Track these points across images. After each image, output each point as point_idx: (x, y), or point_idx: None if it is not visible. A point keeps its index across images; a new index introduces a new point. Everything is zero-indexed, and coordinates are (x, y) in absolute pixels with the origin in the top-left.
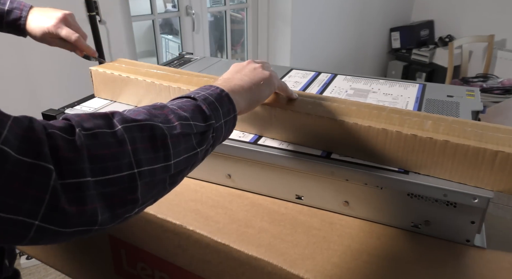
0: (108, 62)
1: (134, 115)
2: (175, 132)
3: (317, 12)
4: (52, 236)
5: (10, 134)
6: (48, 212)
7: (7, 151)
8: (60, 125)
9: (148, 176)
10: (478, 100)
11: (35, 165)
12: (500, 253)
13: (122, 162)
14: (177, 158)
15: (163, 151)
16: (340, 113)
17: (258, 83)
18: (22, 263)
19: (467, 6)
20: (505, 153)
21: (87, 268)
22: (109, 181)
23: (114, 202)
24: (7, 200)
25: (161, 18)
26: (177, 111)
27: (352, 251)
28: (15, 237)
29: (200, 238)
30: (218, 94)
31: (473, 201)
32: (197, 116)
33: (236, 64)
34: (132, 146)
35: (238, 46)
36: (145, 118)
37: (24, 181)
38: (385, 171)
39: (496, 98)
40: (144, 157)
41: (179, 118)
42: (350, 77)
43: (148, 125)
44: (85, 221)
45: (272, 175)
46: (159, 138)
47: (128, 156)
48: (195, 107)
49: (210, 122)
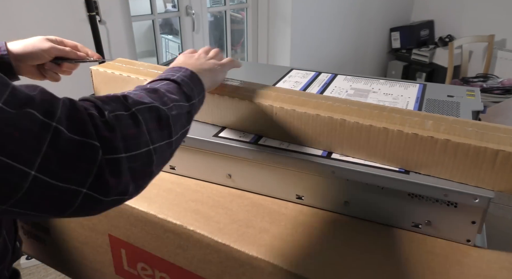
0: (108, 62)
1: (140, 98)
2: (173, 113)
3: (317, 12)
4: (94, 205)
5: (62, 114)
6: (95, 182)
7: (61, 129)
8: (91, 106)
9: (159, 152)
10: (479, 100)
11: (84, 142)
12: (500, 253)
13: (141, 140)
14: (176, 135)
15: (167, 129)
16: (337, 111)
17: (215, 67)
18: (22, 263)
19: (467, 6)
20: (506, 152)
21: (87, 268)
22: (134, 157)
23: (138, 175)
24: (62, 172)
25: (161, 18)
26: (168, 94)
27: (352, 251)
28: (64, 205)
29: (200, 238)
30: (190, 75)
31: (474, 201)
32: (182, 97)
33: (188, 54)
34: (146, 126)
35: (238, 46)
36: (150, 101)
37: (76, 156)
38: (385, 171)
39: (496, 98)
40: (155, 136)
41: (172, 100)
42: (350, 77)
43: (154, 107)
44: (120, 191)
45: (272, 175)
46: (164, 118)
47: (144, 135)
48: (179, 89)
49: (192, 102)
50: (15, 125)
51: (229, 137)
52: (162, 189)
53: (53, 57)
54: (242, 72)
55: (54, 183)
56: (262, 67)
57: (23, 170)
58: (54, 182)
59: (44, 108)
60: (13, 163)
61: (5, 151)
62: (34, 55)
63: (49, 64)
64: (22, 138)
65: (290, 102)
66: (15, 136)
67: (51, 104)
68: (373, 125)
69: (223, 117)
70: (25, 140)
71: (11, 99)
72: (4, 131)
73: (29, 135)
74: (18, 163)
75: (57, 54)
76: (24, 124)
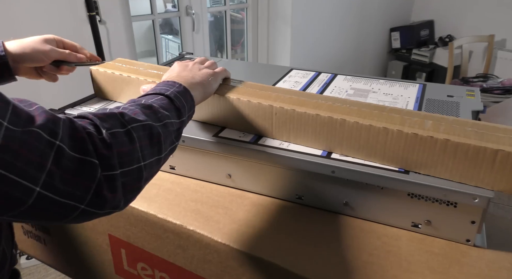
0: (108, 62)
1: (135, 115)
2: (164, 130)
3: (317, 12)
4: (88, 217)
5: (63, 133)
6: (93, 198)
7: (64, 147)
8: (89, 124)
9: (149, 168)
10: (478, 100)
11: (84, 160)
12: (500, 253)
13: (134, 157)
14: (165, 151)
15: (157, 146)
16: (336, 111)
17: (208, 79)
18: (22, 263)
19: (467, 6)
20: (505, 152)
21: (87, 268)
22: (126, 172)
23: (128, 190)
24: (63, 187)
25: (161, 18)
26: (161, 111)
27: (352, 251)
28: (60, 216)
29: (200, 238)
30: (183, 91)
31: (473, 201)
32: (174, 114)
33: (180, 62)
34: (139, 143)
35: (238, 46)
36: (144, 118)
37: (77, 173)
38: (385, 171)
39: (496, 98)
40: (147, 152)
41: (165, 117)
42: (350, 77)
43: (148, 125)
44: (114, 205)
45: (272, 175)
46: (155, 136)
47: (137, 152)
48: (171, 105)
49: (182, 119)
50: (22, 143)
51: (229, 137)
52: (162, 189)
53: (52, 60)
54: (242, 72)
55: (57, 198)
56: (262, 67)
57: (29, 186)
58: (56, 198)
59: (49, 128)
60: (20, 180)
61: (12, 168)
62: (34, 57)
63: (48, 66)
64: (29, 156)
65: (290, 102)
66: (22, 154)
67: (55, 124)
68: (373, 125)
69: (223, 117)
70: (31, 157)
71: (15, 118)
72: (12, 149)
73: (35, 153)
74: (25, 180)
75: (57, 57)
76: (30, 142)
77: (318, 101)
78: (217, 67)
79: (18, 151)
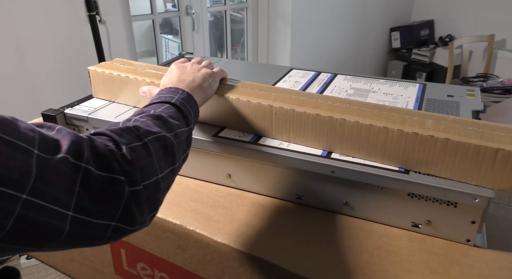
0: (106, 62)
1: (148, 127)
2: (177, 140)
3: (317, 12)
4: (120, 235)
5: (89, 154)
6: (123, 215)
7: (90, 168)
8: (108, 141)
9: (165, 179)
10: (479, 100)
11: (112, 178)
12: (500, 253)
13: (152, 169)
14: (179, 161)
15: (171, 157)
16: (336, 111)
17: (208, 81)
18: (22, 263)
19: (467, 6)
20: (506, 151)
21: (87, 268)
22: (147, 186)
23: (150, 203)
24: (94, 208)
25: (161, 18)
26: (171, 120)
27: (352, 251)
28: (95, 237)
29: (200, 238)
30: (187, 97)
31: (473, 201)
32: (182, 122)
33: (179, 64)
34: (156, 156)
35: (238, 46)
36: (158, 130)
37: (106, 192)
38: (385, 171)
39: (496, 98)
40: (163, 164)
41: (176, 127)
42: (350, 76)
43: (162, 136)
44: (142, 220)
45: (272, 175)
46: (170, 147)
47: (155, 164)
48: (179, 114)
49: (190, 126)
50: (54, 171)
51: (229, 137)
52: None
53: None
54: (242, 72)
55: (90, 220)
56: (262, 67)
57: (63, 212)
58: (89, 219)
59: (74, 150)
60: (55, 207)
61: (48, 197)
62: None
63: None
64: (61, 183)
65: (290, 101)
66: (55, 182)
67: (79, 145)
68: (373, 125)
69: (222, 117)
70: (63, 184)
71: (44, 146)
72: (46, 178)
73: (65, 179)
74: (59, 207)
75: None
76: (61, 169)
77: (318, 100)
78: (213, 67)
79: (52, 180)
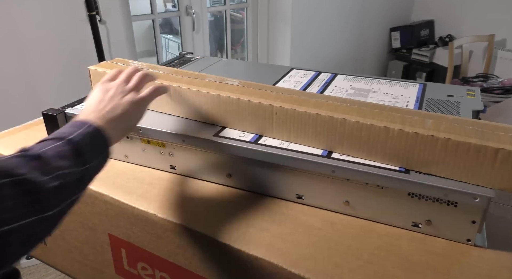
0: (106, 62)
1: (12, 168)
2: (54, 184)
3: (317, 12)
4: None
5: None
6: None
7: None
8: None
9: (28, 229)
10: (479, 100)
11: None
12: (501, 252)
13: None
14: (56, 208)
15: (37, 204)
16: (337, 110)
17: (131, 110)
18: (22, 263)
19: (467, 6)
20: (506, 151)
21: (87, 268)
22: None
23: (8, 254)
24: None
25: (161, 18)
26: (54, 161)
27: (353, 251)
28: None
29: (200, 237)
30: (92, 132)
31: (474, 200)
32: (73, 162)
33: (102, 86)
34: (6, 203)
35: (238, 46)
36: (23, 172)
37: None
38: (386, 170)
39: (497, 98)
40: (22, 212)
41: (58, 168)
42: (351, 76)
43: (24, 180)
44: None
45: (272, 175)
46: (33, 192)
47: (4, 212)
48: (71, 152)
49: (86, 166)
50: None
51: (229, 136)
52: (162, 189)
53: None
54: (242, 72)
55: None
56: (262, 67)
57: None
58: None
59: None
60: None
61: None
62: None
63: None
64: None
65: (290, 101)
66: None
67: None
68: (374, 124)
69: (223, 117)
70: None
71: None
72: None
73: None
74: None
75: None
76: None
77: (318, 100)
78: (147, 81)
79: None
